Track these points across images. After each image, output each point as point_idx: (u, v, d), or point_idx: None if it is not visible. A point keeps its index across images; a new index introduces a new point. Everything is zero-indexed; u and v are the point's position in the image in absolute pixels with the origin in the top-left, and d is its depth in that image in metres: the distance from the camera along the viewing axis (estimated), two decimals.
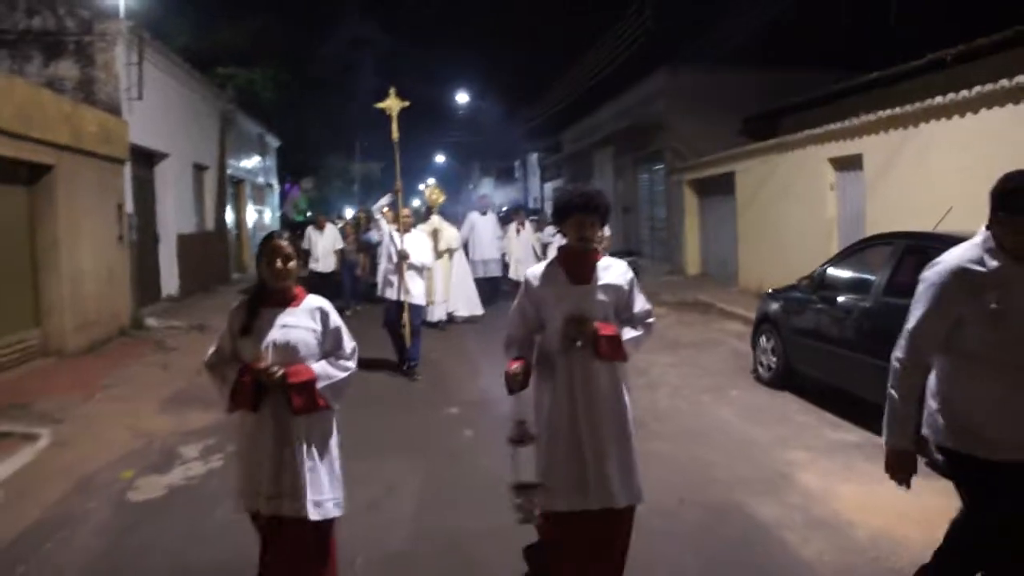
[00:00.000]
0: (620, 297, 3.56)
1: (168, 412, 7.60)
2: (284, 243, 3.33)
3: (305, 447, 3.29)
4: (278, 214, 29.57)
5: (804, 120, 14.42)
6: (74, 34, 11.66)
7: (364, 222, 15.84)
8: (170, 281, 14.75)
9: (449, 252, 12.20)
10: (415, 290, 8.75)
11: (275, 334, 3.27)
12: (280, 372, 3.20)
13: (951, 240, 5.88)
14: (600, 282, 3.51)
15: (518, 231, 14.61)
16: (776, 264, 13.04)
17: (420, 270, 8.83)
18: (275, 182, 28.09)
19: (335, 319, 3.40)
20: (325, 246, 14.12)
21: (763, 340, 8.39)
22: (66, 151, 9.69)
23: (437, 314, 11.86)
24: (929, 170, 9.56)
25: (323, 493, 3.31)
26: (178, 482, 5.66)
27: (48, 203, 9.47)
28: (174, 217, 14.90)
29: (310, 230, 14.45)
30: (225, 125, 19.21)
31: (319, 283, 12.88)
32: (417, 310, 8.85)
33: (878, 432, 5.72)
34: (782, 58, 17.78)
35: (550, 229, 14.82)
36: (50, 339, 9.49)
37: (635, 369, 9.00)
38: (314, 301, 3.40)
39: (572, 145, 30.60)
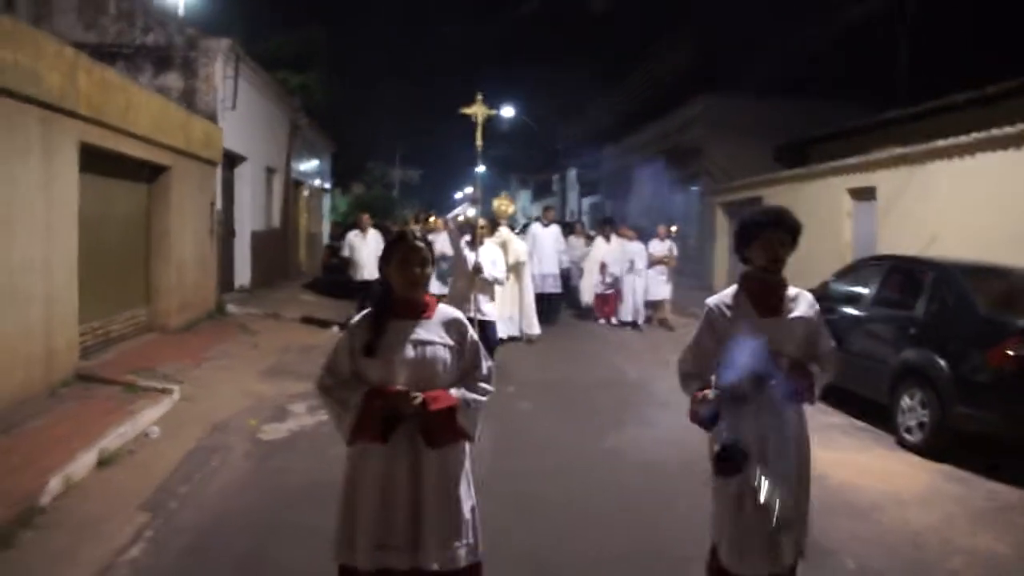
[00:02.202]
0: (809, 332, 3.25)
1: (267, 380, 9.06)
2: (420, 244, 2.93)
3: (445, 485, 2.90)
4: (329, 217, 31.11)
5: (830, 151, 15.72)
6: (181, 49, 13.29)
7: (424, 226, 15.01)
8: (243, 273, 16.28)
9: (518, 266, 11.14)
10: (487, 307, 8.52)
11: (408, 351, 2.86)
12: (419, 398, 2.78)
13: (928, 263, 7.34)
14: (791, 315, 3.22)
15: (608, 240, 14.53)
16: (797, 282, 14.30)
17: (492, 285, 8.56)
18: (329, 185, 29.68)
19: (472, 333, 2.99)
20: (369, 252, 12.57)
21: None
22: (179, 154, 11.26)
23: (505, 330, 11.23)
24: (931, 203, 10.83)
25: (467, 536, 2.95)
26: (296, 428, 7.13)
27: (163, 199, 11.02)
28: (249, 215, 16.45)
29: (351, 235, 13.14)
30: (293, 130, 20.81)
31: (361, 293, 12.52)
32: (491, 328, 8.58)
33: (857, 416, 7.21)
34: (816, 90, 18.99)
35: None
36: (156, 317, 11.00)
37: (660, 362, 10.42)
38: (447, 312, 3.00)
39: (612, 162, 31.91)
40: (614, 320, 14.39)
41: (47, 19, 12.44)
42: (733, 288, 3.33)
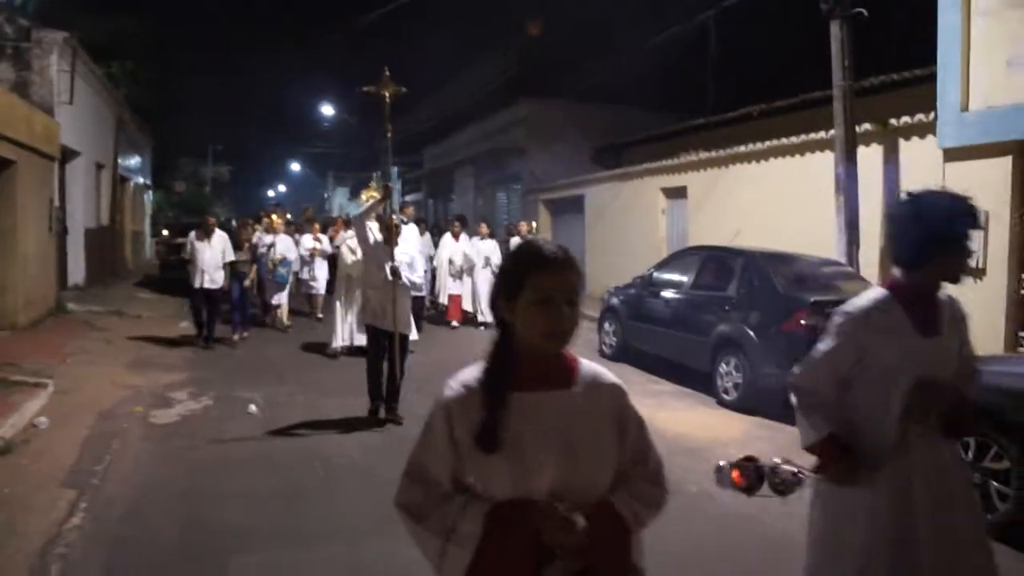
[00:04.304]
0: (961, 349, 2.66)
1: (136, 373, 9.14)
2: (573, 263, 1.80)
3: None
4: (149, 214, 29.94)
5: (645, 153, 17.36)
6: (12, 40, 12.74)
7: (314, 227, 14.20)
8: (77, 271, 15.70)
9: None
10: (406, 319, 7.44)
11: (550, 443, 1.76)
12: (580, 521, 1.70)
13: (737, 252, 8.68)
14: (949, 332, 2.60)
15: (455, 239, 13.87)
16: (618, 273, 15.66)
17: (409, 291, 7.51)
18: (150, 182, 28.53)
19: (635, 409, 1.91)
20: (213, 256, 10.88)
21: (606, 325, 11.03)
22: (24, 148, 10.92)
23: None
24: (734, 201, 12.45)
25: None
26: (186, 412, 7.42)
27: (8, 194, 10.67)
28: (82, 212, 15.88)
29: (193, 237, 11.04)
30: (119, 125, 20.06)
31: (205, 304, 10.94)
32: (405, 340, 7.51)
33: (685, 385, 8.43)
34: (631, 98, 20.60)
35: (485, 242, 13.68)
36: (5, 315, 10.65)
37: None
38: (594, 373, 1.89)
39: (434, 162, 32.63)
40: (455, 323, 13.56)
41: None
42: (878, 294, 2.65)
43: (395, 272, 7.08)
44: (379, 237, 7.39)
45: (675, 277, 9.81)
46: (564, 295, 1.75)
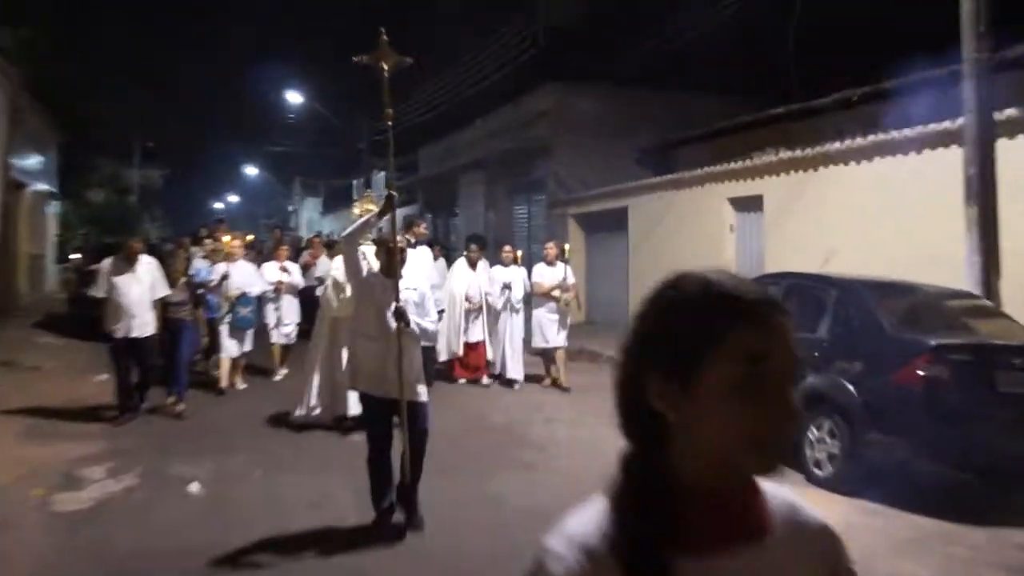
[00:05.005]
0: None
1: (35, 443, 9.17)
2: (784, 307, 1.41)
3: None
4: (55, 233, 30.15)
5: (707, 152, 17.43)
6: None
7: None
8: None
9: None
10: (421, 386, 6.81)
11: None
12: None
13: (830, 281, 8.69)
14: None
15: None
16: None
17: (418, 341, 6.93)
18: (56, 189, 28.71)
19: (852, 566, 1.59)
20: (142, 293, 10.31)
21: None
22: None
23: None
24: (826, 213, 12.46)
25: None
26: (100, 496, 7.44)
27: None
28: None
29: (108, 266, 10.50)
30: (14, 115, 20.22)
31: (132, 360, 10.35)
32: (421, 412, 6.74)
33: None
34: (688, 82, 20.68)
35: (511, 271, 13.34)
36: None
37: (528, 403, 11.39)
38: (793, 509, 1.57)
39: (431, 166, 32.90)
40: (485, 380, 13.27)
41: None
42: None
43: (400, 315, 6.42)
44: (376, 266, 6.95)
45: None
46: (786, 366, 1.35)
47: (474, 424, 10.57)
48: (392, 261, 6.64)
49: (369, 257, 7.26)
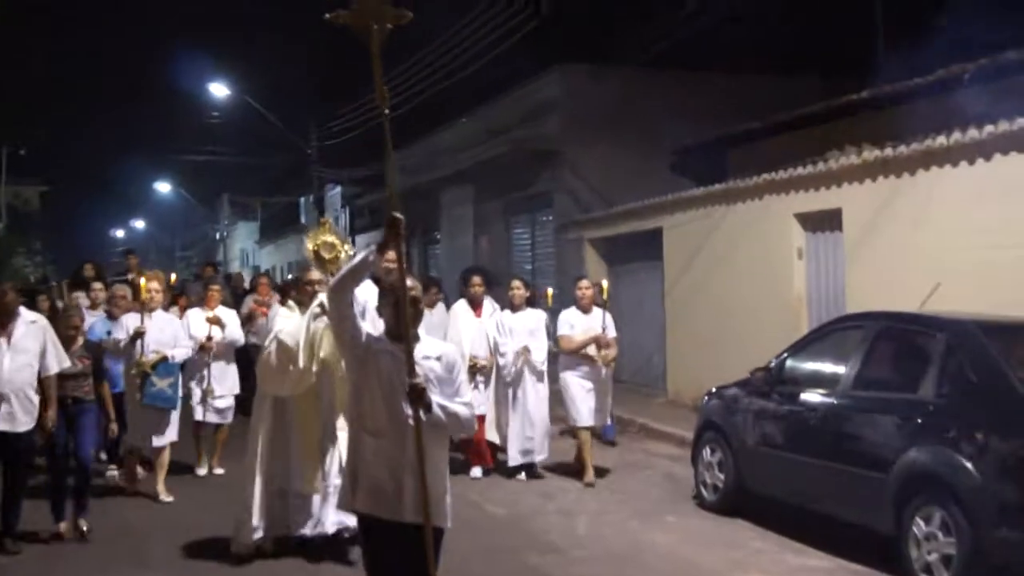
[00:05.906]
0: None
1: None
2: None
3: None
4: None
5: (765, 154, 17.20)
6: None
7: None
8: None
9: None
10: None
11: None
12: None
13: (935, 322, 8.44)
14: None
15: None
16: (723, 361, 15.30)
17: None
18: None
19: None
20: (18, 368, 9.35)
21: (706, 453, 10.77)
22: None
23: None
24: (928, 234, 12.17)
25: None
26: None
27: None
28: None
29: None
30: None
31: (3, 464, 9.54)
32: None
33: (851, 558, 8.15)
34: (736, 62, 20.61)
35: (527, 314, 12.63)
36: None
37: (539, 492, 11.09)
38: None
39: (403, 178, 32.68)
40: (476, 471, 12.51)
41: None
42: None
43: (419, 397, 5.59)
44: (380, 326, 6.16)
45: (825, 368, 9.58)
46: None
47: (467, 516, 10.14)
48: (403, 317, 5.76)
49: (369, 312, 6.84)
